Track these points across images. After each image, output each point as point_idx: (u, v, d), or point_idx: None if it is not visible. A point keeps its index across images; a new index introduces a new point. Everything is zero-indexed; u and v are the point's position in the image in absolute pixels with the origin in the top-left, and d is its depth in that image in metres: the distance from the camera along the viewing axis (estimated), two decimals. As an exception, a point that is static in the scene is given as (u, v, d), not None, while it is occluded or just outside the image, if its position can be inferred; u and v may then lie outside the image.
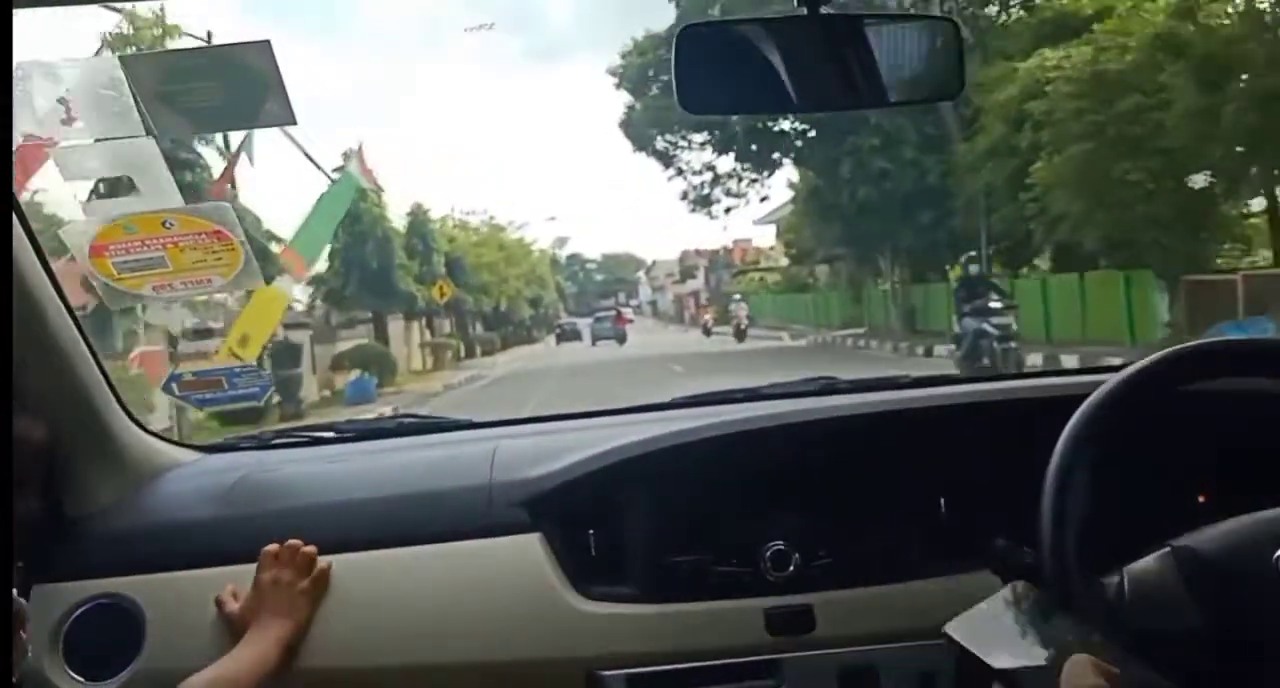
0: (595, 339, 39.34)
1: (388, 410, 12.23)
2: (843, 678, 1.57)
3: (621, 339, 37.81)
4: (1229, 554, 1.15)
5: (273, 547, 1.58)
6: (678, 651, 1.59)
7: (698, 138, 27.50)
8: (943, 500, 1.67)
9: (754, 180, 28.67)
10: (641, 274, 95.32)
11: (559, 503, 1.65)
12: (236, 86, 1.42)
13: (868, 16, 1.32)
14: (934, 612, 1.59)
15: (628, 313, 51.76)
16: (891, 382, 2.13)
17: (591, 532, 1.65)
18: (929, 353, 18.73)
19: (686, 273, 69.10)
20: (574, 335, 43.06)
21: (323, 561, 1.58)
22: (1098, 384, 1.33)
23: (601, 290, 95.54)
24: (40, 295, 1.50)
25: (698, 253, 62.25)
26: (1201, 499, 1.62)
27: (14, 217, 1.44)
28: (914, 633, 1.58)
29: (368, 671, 1.57)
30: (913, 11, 16.00)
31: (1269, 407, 1.38)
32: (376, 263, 22.90)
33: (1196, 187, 15.06)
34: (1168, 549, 1.16)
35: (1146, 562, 1.17)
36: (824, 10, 1.28)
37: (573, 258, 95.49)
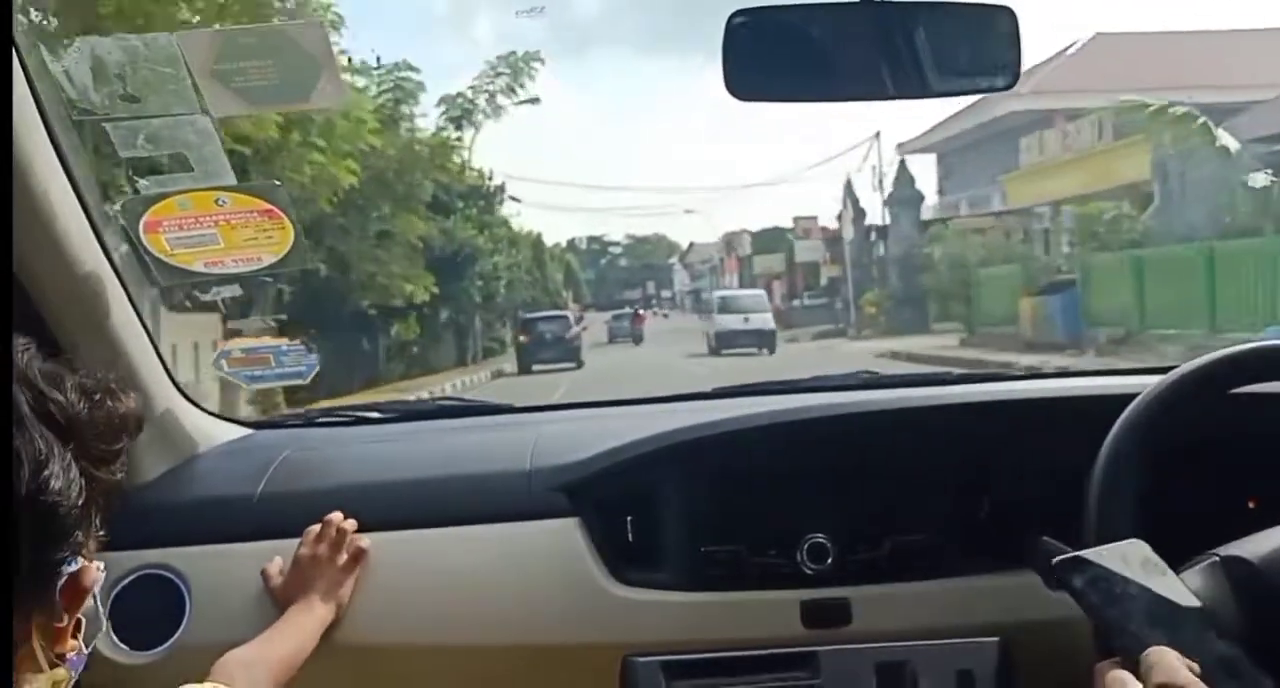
0: (612, 338, 38.23)
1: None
2: (880, 673, 1.56)
3: (639, 339, 36.96)
4: (1278, 564, 1.12)
5: (315, 526, 1.60)
6: (713, 639, 1.59)
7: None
8: (985, 498, 1.65)
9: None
10: (675, 261, 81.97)
11: (598, 489, 1.66)
12: (289, 65, 1.43)
13: (923, 3, 1.30)
14: (974, 610, 1.58)
15: (646, 314, 48.71)
16: (936, 378, 2.11)
17: (630, 518, 1.65)
18: None
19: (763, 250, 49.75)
20: (555, 347, 25.02)
21: (362, 539, 1.60)
22: (1146, 385, 1.31)
23: (626, 279, 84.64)
24: (93, 271, 1.52)
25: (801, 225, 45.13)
26: (1251, 505, 1.59)
27: (72, 189, 1.46)
28: (953, 630, 1.57)
29: (404, 648, 1.59)
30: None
31: None
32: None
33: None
34: (1216, 559, 1.14)
35: (1194, 570, 1.15)
36: (878, -3, 1.27)
37: (593, 240, 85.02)
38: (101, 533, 0.99)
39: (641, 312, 45.41)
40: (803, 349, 26.76)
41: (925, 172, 35.34)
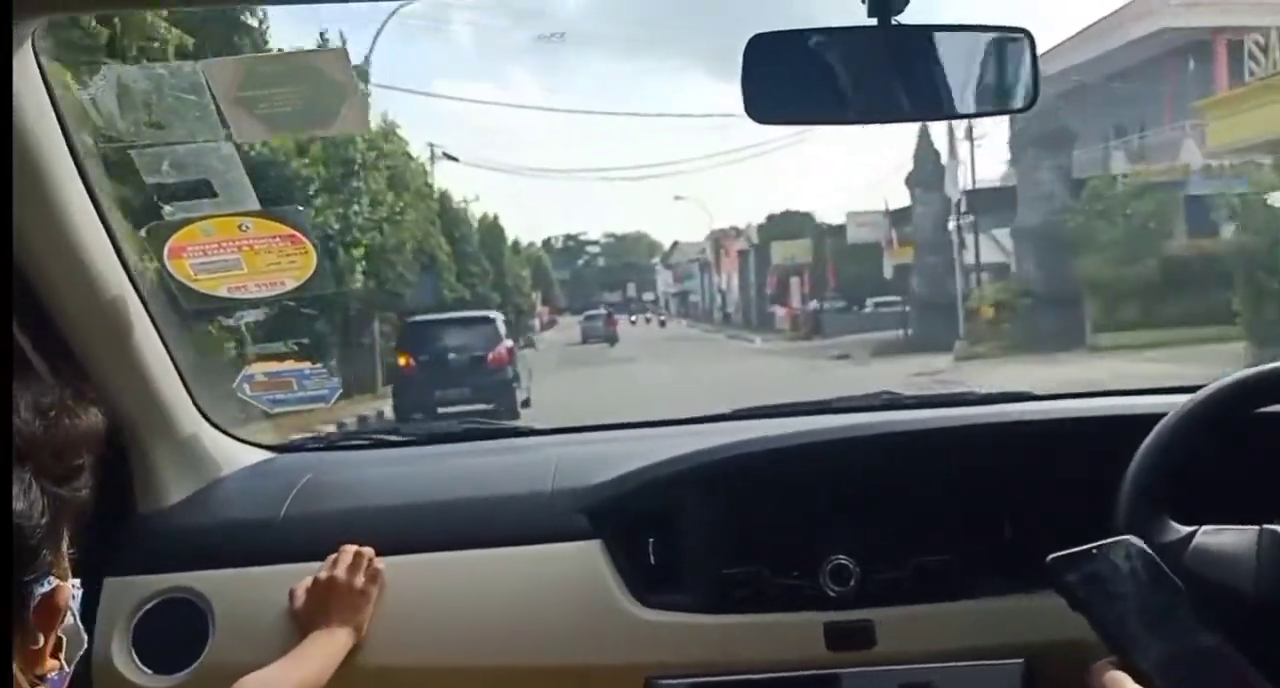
0: (586, 338, 37.48)
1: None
2: None
3: (613, 341, 35.79)
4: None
5: (335, 553, 1.60)
6: (735, 662, 1.58)
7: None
8: (1009, 518, 1.64)
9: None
10: (657, 261, 75.94)
11: (620, 511, 1.66)
12: (313, 92, 1.45)
13: (939, 27, 1.30)
14: (997, 631, 1.56)
15: (622, 319, 45.20)
16: (958, 398, 2.10)
17: (652, 540, 1.65)
18: None
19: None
20: (466, 379, 14.48)
21: (382, 563, 1.61)
22: (1173, 405, 1.30)
23: (605, 280, 77.77)
24: (118, 296, 1.54)
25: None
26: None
27: (97, 216, 1.48)
28: (976, 652, 1.56)
29: (427, 671, 1.59)
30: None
31: None
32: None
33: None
34: (1256, 528, 1.15)
35: (1226, 528, 1.16)
36: (895, 20, 1.28)
37: (570, 239, 80.00)
38: (72, 551, 0.98)
39: (616, 317, 43.18)
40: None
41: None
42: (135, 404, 1.64)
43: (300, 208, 1.69)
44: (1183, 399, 1.35)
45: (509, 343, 15.70)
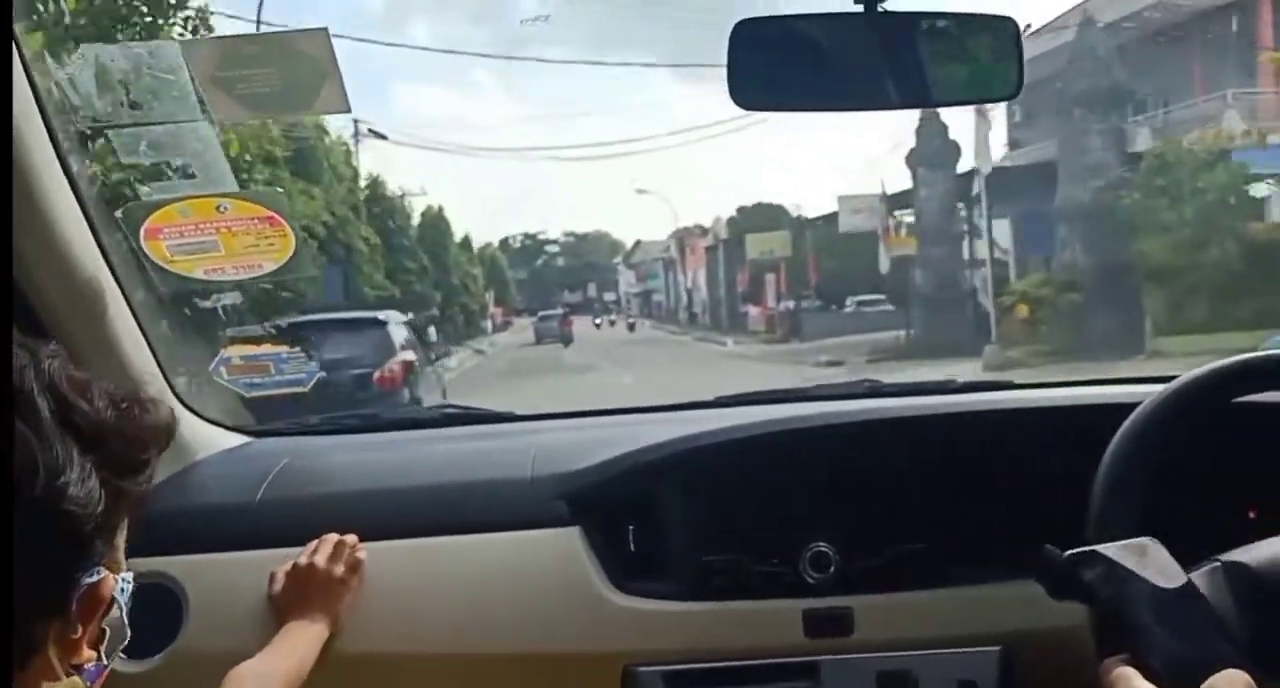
0: (539, 338, 36.25)
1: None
2: (881, 683, 1.56)
3: (568, 342, 34.23)
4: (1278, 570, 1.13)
5: (316, 540, 1.59)
6: (714, 649, 1.58)
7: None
8: (988, 506, 1.65)
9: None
10: (619, 261, 72.49)
11: (599, 497, 1.65)
12: (293, 73, 1.43)
13: (924, 14, 1.30)
14: (976, 619, 1.57)
15: (584, 321, 43.36)
16: (940, 386, 2.11)
17: (631, 527, 1.64)
18: None
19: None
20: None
21: (361, 549, 1.60)
22: (1150, 394, 1.31)
23: (564, 281, 75.53)
24: (93, 277, 1.52)
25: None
26: (1252, 515, 1.59)
27: (73, 196, 1.46)
28: (955, 640, 1.56)
29: (405, 658, 1.59)
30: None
31: None
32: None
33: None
34: (1218, 564, 1.14)
35: (1196, 574, 1.15)
36: (881, 8, 1.27)
37: (528, 238, 77.33)
38: (127, 544, 0.98)
39: (573, 317, 40.37)
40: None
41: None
42: None
43: (281, 191, 1.67)
44: (1160, 388, 1.35)
45: (409, 355, 11.62)
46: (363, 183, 22.24)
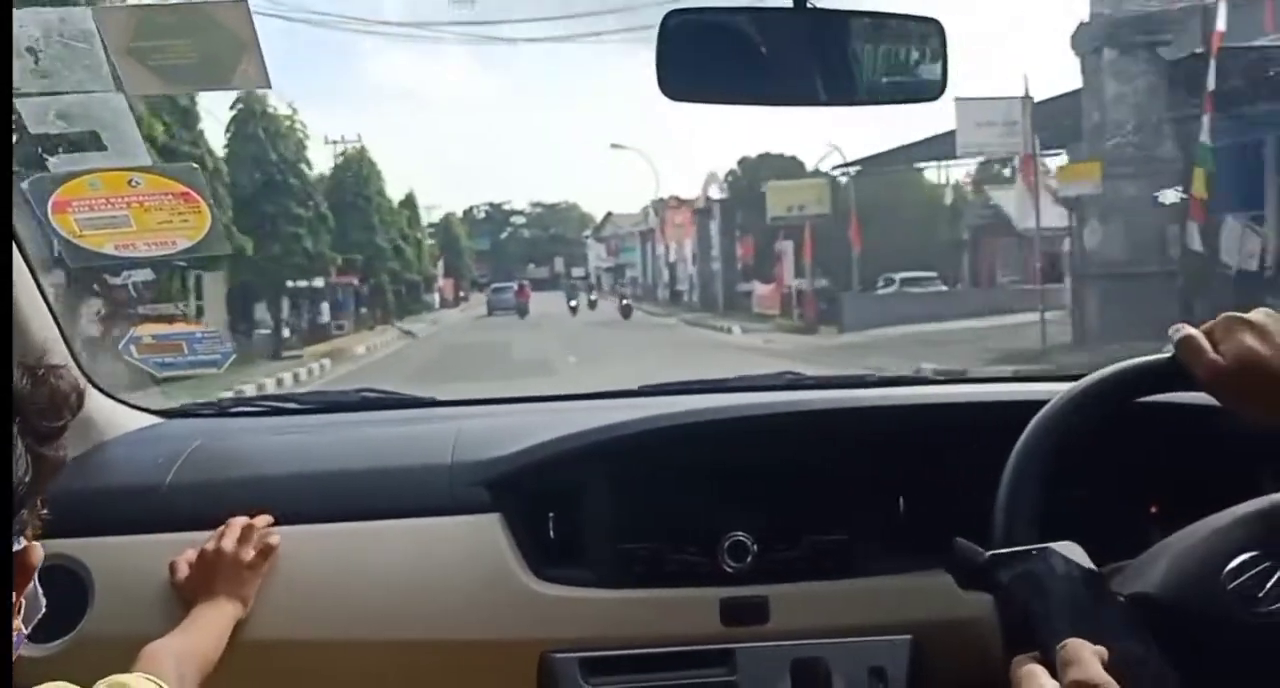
0: (491, 310, 35.85)
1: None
2: (795, 670, 1.58)
3: (523, 313, 32.83)
4: (1178, 591, 1.17)
5: (225, 525, 1.56)
6: (632, 636, 1.59)
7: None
8: (901, 499, 1.68)
9: None
10: (588, 235, 67.45)
11: (520, 484, 1.65)
12: (210, 46, 1.39)
13: (855, 13, 1.31)
14: (888, 608, 1.61)
15: (553, 297, 39.75)
16: (858, 380, 2.14)
17: (551, 515, 1.64)
18: None
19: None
20: None
21: (273, 534, 1.57)
22: (1058, 392, 1.34)
23: (530, 254, 71.24)
24: None
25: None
26: (1153, 510, 1.64)
27: None
28: (868, 628, 1.59)
29: (320, 644, 1.56)
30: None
31: (1220, 420, 1.40)
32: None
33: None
34: (1123, 600, 1.18)
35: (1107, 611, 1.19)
36: (810, 4, 1.28)
37: (494, 208, 73.24)
38: (44, 512, 0.97)
39: (525, 286, 38.60)
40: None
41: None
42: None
43: (196, 167, 1.63)
44: (1069, 386, 1.39)
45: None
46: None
